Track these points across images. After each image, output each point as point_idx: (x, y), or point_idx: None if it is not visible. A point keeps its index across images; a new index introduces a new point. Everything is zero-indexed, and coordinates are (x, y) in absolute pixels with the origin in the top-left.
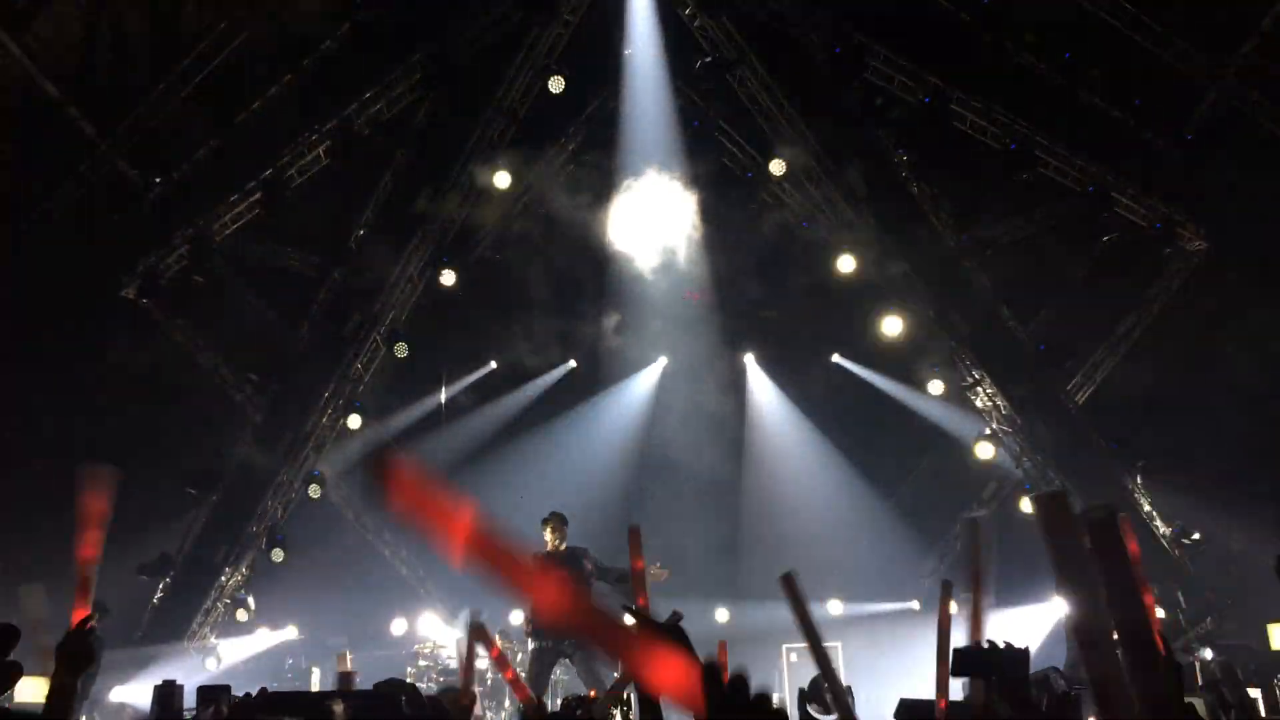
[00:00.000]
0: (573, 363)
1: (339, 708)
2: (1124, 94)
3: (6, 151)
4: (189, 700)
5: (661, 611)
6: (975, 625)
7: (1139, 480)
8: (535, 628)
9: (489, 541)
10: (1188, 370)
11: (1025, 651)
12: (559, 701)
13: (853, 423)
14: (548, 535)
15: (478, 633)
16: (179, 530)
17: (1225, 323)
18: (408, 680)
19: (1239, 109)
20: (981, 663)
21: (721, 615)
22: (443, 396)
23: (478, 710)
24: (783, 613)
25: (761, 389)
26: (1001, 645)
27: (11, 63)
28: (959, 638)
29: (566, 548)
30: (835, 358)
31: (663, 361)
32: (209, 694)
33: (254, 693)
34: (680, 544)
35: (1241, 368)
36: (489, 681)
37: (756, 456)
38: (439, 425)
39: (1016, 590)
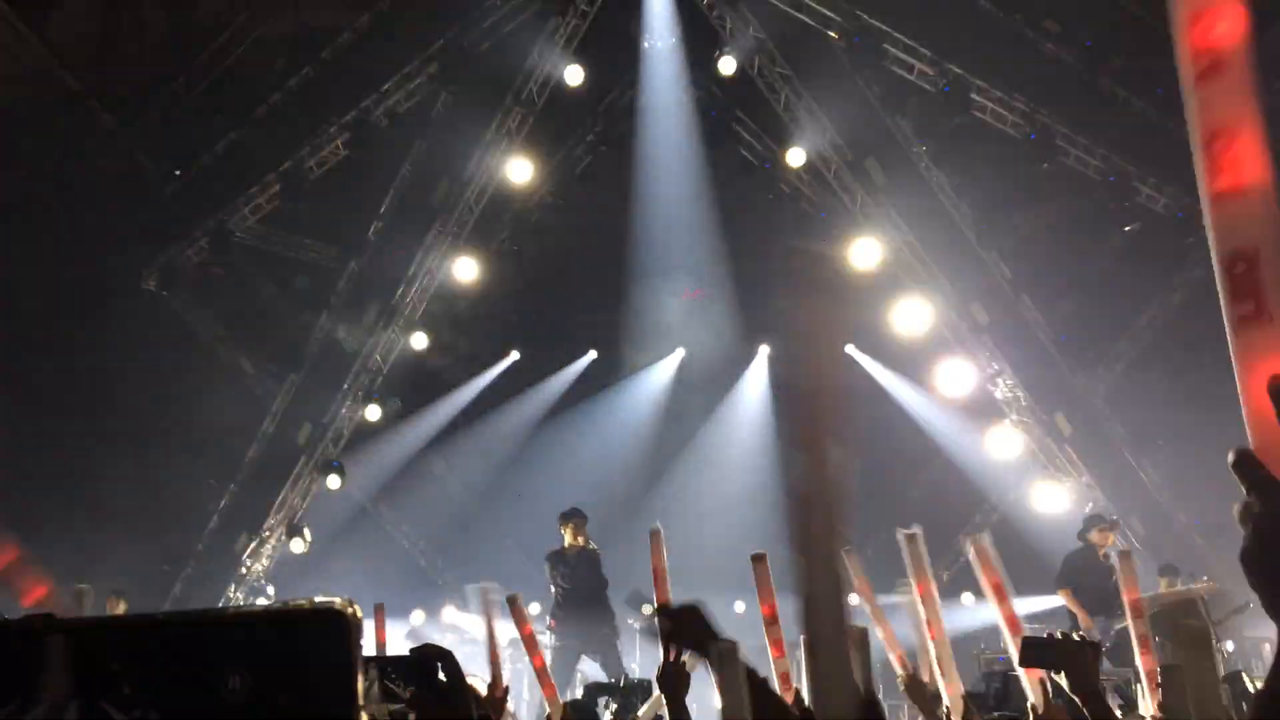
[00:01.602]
0: (593, 353)
1: (371, 670)
2: (1146, 82)
3: (27, 143)
4: None
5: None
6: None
7: (1158, 470)
8: (557, 625)
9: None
10: (1210, 361)
11: (1097, 645)
12: (579, 692)
13: (867, 416)
14: (566, 534)
15: (513, 610)
16: (199, 521)
17: None
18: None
19: (1262, 98)
20: (1050, 654)
21: (739, 606)
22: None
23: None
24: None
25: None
26: (1075, 636)
27: (32, 54)
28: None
29: (586, 548)
30: (849, 348)
31: (680, 353)
32: None
33: None
34: (698, 536)
35: None
36: (506, 672)
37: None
38: (463, 420)
39: (1021, 586)
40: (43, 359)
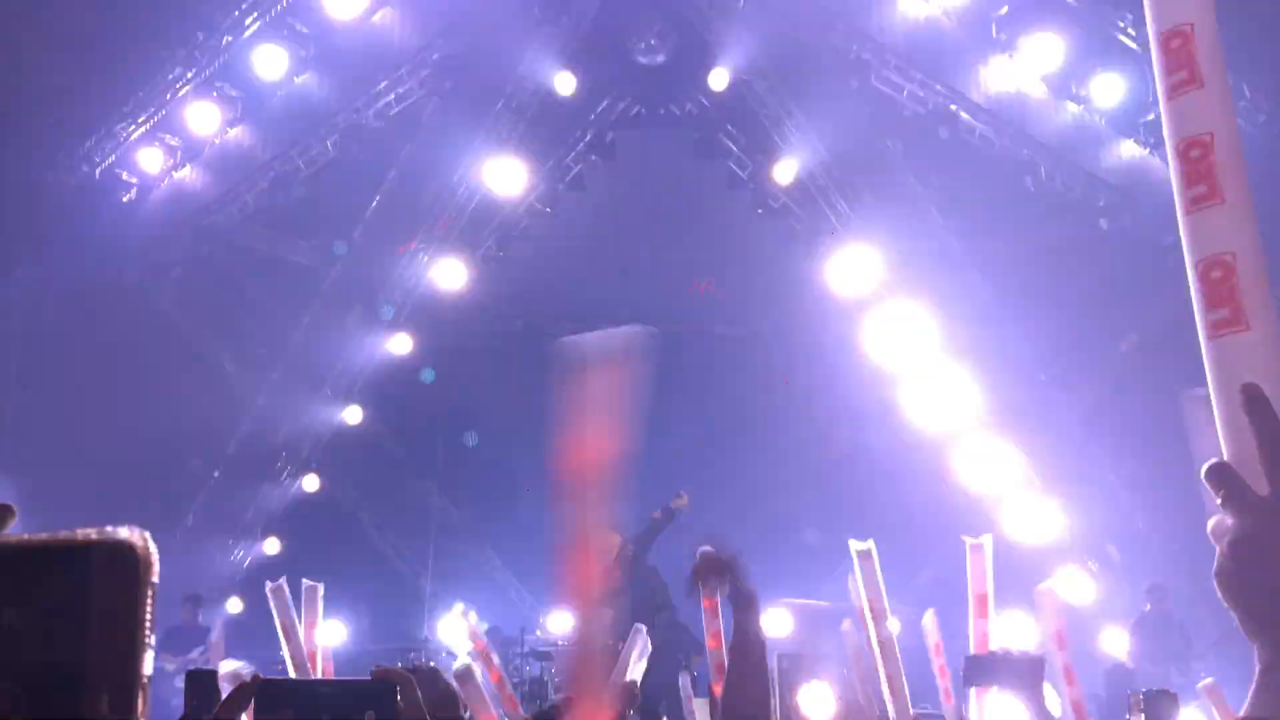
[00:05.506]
0: None
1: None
2: None
3: (13, 129)
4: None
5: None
6: None
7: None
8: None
9: None
10: (1190, 389)
11: (1040, 659)
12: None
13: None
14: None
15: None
16: (176, 516)
17: None
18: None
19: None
20: (994, 670)
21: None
22: None
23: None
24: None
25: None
26: (1015, 652)
27: (20, 43)
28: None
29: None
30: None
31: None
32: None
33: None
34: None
35: None
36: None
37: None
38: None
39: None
40: (23, 354)
